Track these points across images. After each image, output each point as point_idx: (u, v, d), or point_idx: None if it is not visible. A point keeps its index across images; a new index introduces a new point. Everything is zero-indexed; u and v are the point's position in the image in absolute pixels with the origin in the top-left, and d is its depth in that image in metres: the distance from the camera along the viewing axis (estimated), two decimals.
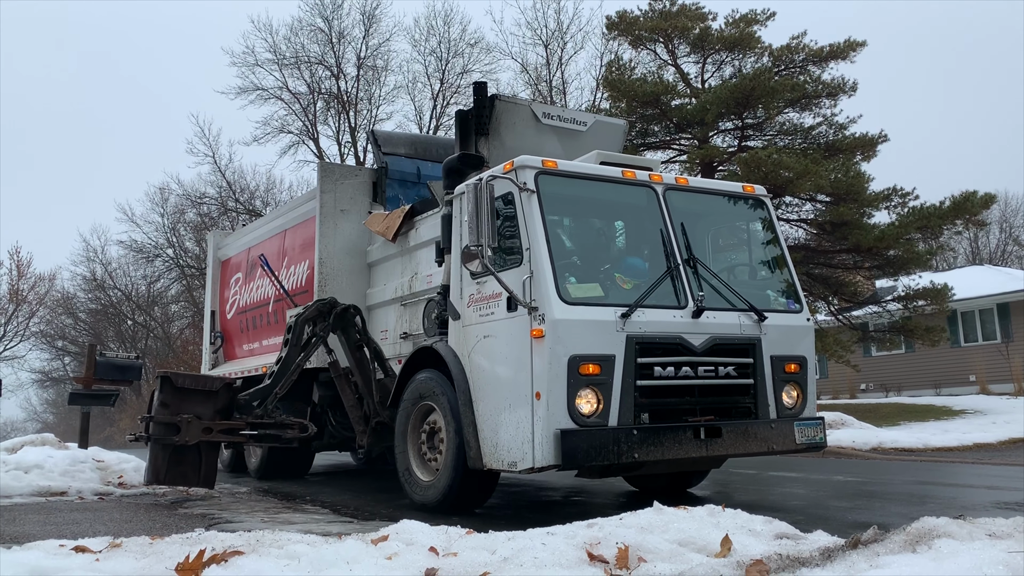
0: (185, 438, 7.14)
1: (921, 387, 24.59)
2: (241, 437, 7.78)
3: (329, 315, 7.79)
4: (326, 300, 7.92)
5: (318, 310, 7.81)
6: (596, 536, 3.47)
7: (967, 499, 7.07)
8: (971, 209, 16.85)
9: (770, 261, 7.11)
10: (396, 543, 3.57)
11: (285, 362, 7.79)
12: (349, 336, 7.83)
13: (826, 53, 18.35)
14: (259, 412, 7.67)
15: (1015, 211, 46.01)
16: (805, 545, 3.25)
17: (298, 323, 7.81)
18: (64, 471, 7.87)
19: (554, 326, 5.49)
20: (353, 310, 7.87)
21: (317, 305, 7.83)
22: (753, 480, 8.91)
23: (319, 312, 7.81)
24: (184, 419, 7.15)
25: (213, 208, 34.67)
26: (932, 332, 17.88)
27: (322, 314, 7.81)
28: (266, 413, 7.69)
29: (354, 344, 7.83)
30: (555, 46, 29.44)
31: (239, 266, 11.79)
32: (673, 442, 5.69)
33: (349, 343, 7.83)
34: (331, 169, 9.38)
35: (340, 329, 7.84)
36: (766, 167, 15.42)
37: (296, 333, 7.80)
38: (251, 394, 7.73)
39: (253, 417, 7.64)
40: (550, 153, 6.99)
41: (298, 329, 7.81)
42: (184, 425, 7.15)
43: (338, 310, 7.81)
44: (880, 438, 13.10)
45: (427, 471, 6.66)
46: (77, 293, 41.77)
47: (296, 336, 7.79)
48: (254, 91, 30.71)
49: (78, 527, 5.44)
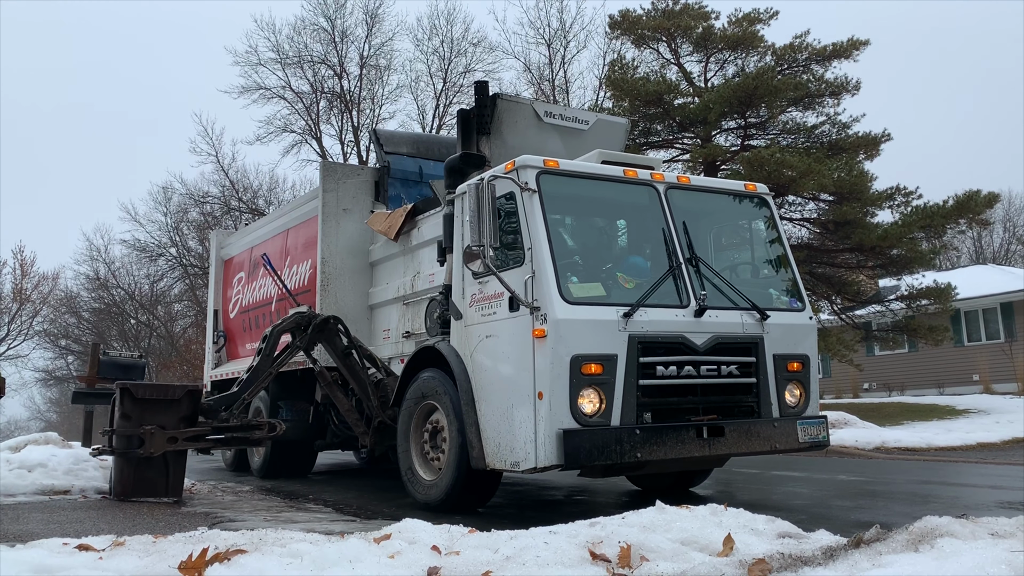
0: (150, 450, 6.95)
1: (924, 386, 24.56)
2: (208, 443, 7.73)
3: (307, 327, 7.80)
4: (304, 312, 7.94)
5: (295, 322, 7.83)
6: (598, 535, 3.47)
7: (970, 498, 7.06)
8: (975, 208, 16.83)
9: (772, 260, 7.10)
10: (398, 542, 3.58)
11: (255, 370, 7.80)
12: (335, 345, 7.82)
13: (829, 52, 18.33)
14: (224, 416, 7.62)
15: (1019, 210, 45.98)
16: (807, 544, 3.25)
17: (273, 333, 7.84)
18: (67, 470, 7.88)
19: (556, 326, 5.48)
20: (333, 321, 7.85)
21: (295, 317, 7.85)
22: (756, 479, 8.91)
23: (297, 324, 7.82)
24: (147, 430, 6.96)
25: (216, 207, 34.70)
26: (935, 331, 17.86)
27: (300, 326, 7.82)
28: (232, 416, 7.66)
29: (341, 352, 7.83)
30: (558, 45, 29.42)
31: (242, 265, 11.80)
32: (676, 441, 5.69)
33: (336, 351, 7.83)
34: (333, 168, 9.38)
35: (324, 340, 7.83)
36: (769, 166, 15.40)
37: (270, 344, 7.82)
38: (217, 400, 7.76)
39: (219, 421, 7.59)
40: (552, 152, 6.98)
41: (272, 339, 7.83)
42: (148, 437, 6.95)
43: (316, 322, 7.79)
44: (883, 437, 13.10)
45: (430, 470, 6.66)
46: (80, 292, 41.80)
47: (269, 347, 7.81)
48: (257, 90, 30.72)
49: (81, 526, 5.45)
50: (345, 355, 7.83)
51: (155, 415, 7.11)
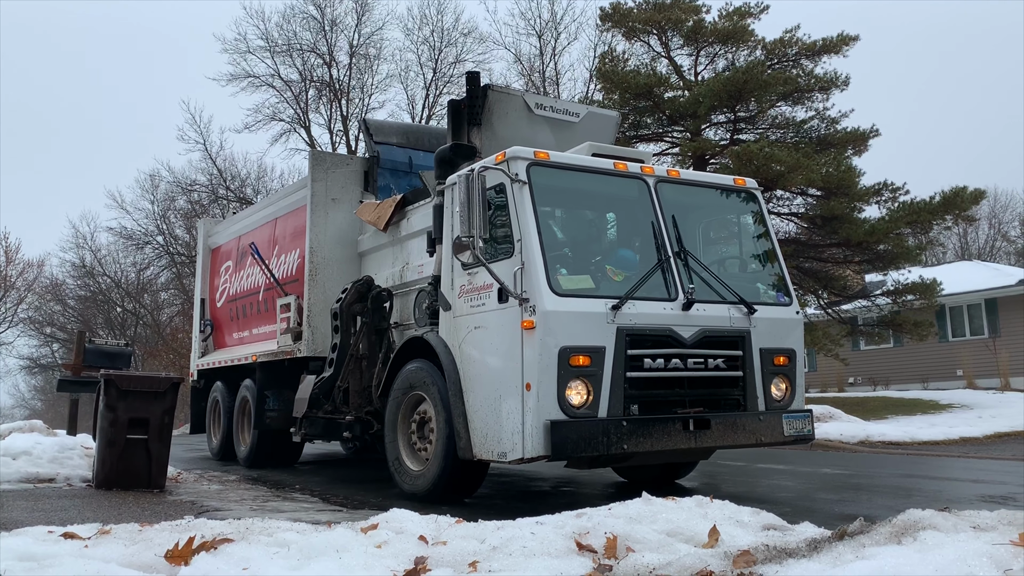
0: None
1: (909, 381, 24.74)
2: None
3: (367, 298, 7.87)
4: (362, 281, 7.99)
5: (358, 292, 7.88)
6: (585, 526, 3.49)
7: (953, 492, 7.13)
8: (961, 204, 16.93)
9: (760, 254, 7.13)
10: (386, 531, 3.58)
11: (340, 351, 7.91)
12: (375, 319, 7.85)
13: (819, 47, 18.38)
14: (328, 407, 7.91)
15: (1004, 207, 46.39)
16: (792, 536, 3.27)
17: (344, 310, 7.86)
18: (52, 458, 7.84)
19: (545, 317, 5.49)
20: (386, 294, 7.91)
21: (357, 288, 7.90)
22: (741, 472, 8.96)
23: (359, 295, 7.88)
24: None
25: (204, 196, 34.56)
26: (920, 327, 17.99)
27: (361, 296, 7.89)
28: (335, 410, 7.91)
29: (375, 328, 7.87)
30: (549, 37, 29.43)
31: (229, 254, 11.75)
32: (662, 433, 5.72)
33: (373, 325, 7.85)
34: (322, 157, 9.34)
35: (373, 311, 7.88)
36: (758, 160, 15.45)
37: (345, 320, 7.87)
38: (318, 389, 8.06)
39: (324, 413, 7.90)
40: (542, 144, 6.98)
41: (346, 316, 7.87)
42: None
43: (373, 294, 7.87)
44: (867, 431, 13.18)
45: (417, 461, 6.67)
46: (66, 280, 41.58)
47: (346, 323, 7.88)
48: (246, 78, 30.63)
49: (66, 514, 5.43)
50: (379, 332, 7.86)
51: (140, 407, 7.10)
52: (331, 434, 8.37)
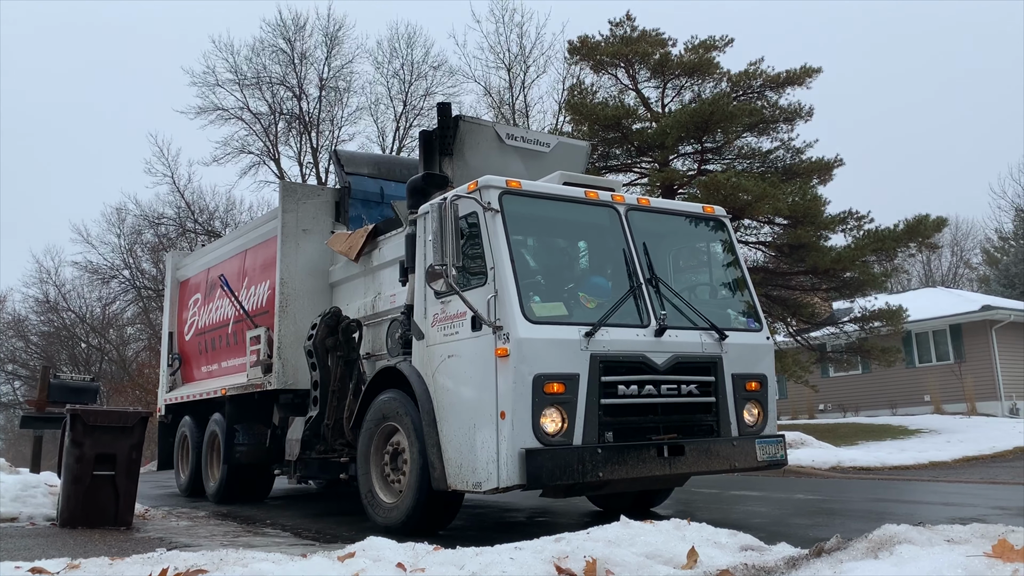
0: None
1: (878, 407, 25.00)
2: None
3: (336, 331, 7.84)
4: (329, 313, 7.93)
5: (328, 327, 7.83)
6: (564, 550, 3.48)
7: (924, 515, 7.18)
8: (924, 232, 17.26)
9: (730, 281, 7.21)
10: (363, 560, 3.54)
11: (322, 387, 7.84)
12: (346, 351, 7.85)
13: (783, 79, 18.74)
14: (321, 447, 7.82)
15: (965, 235, 47.39)
16: (770, 556, 3.29)
17: (317, 345, 7.81)
18: (15, 496, 7.64)
19: (519, 345, 5.50)
20: (355, 324, 7.89)
21: (326, 322, 7.85)
22: (715, 499, 8.97)
23: (329, 330, 7.84)
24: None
25: (171, 229, 34.24)
26: (888, 353, 18.23)
27: (331, 331, 7.84)
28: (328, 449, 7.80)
29: (344, 360, 7.84)
30: (518, 70, 29.67)
31: (198, 287, 11.63)
32: (637, 460, 5.72)
33: (344, 356, 7.84)
34: (293, 188, 9.32)
35: (344, 342, 7.87)
36: (725, 190, 15.65)
37: (320, 355, 7.83)
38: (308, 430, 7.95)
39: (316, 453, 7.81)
40: (514, 174, 7.03)
41: (320, 351, 7.82)
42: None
43: (343, 325, 7.86)
44: (839, 457, 13.28)
45: (390, 493, 6.60)
46: (29, 315, 40.79)
47: (321, 359, 7.83)
48: (214, 111, 30.52)
49: (30, 552, 5.27)
50: (350, 363, 7.83)
51: (107, 442, 6.96)
52: (327, 474, 8.24)
